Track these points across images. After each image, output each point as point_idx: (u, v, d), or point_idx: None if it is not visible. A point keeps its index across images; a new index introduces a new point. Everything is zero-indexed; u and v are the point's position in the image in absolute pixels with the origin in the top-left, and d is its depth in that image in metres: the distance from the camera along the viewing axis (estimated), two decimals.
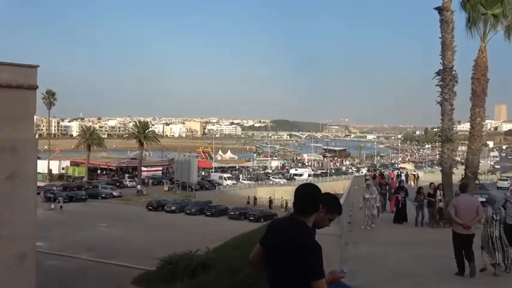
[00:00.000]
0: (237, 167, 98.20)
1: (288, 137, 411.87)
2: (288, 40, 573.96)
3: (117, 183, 65.44)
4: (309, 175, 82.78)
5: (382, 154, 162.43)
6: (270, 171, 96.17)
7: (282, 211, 47.69)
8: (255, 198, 56.59)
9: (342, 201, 11.87)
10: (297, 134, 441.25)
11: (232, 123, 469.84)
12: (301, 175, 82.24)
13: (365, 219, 15.58)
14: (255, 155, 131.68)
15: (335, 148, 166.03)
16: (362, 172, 44.19)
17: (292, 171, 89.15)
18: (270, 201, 54.11)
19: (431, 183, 16.76)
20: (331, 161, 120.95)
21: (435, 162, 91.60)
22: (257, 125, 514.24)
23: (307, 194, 3.79)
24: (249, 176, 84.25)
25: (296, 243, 3.53)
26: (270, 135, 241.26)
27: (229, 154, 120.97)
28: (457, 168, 16.74)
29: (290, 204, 50.01)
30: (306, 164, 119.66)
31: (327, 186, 73.36)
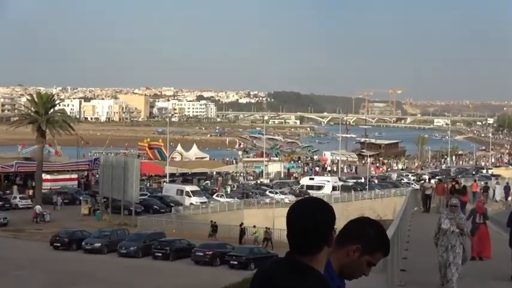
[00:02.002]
0: (210, 174, 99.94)
1: (298, 121, 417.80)
2: None
3: None
4: (334, 188, 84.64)
5: (460, 151, 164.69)
6: (266, 180, 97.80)
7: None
8: (242, 229, 57.84)
9: (390, 233, 11.90)
10: (312, 116, 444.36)
11: (200, 98, 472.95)
12: (320, 187, 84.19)
13: (442, 270, 15.31)
14: (240, 152, 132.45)
15: (379, 141, 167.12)
16: (426, 181, 44.74)
17: (305, 181, 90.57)
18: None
19: None
20: (372, 163, 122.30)
21: None
22: (243, 100, 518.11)
23: (308, 217, 3.73)
24: (231, 189, 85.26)
25: None
26: (266, 118, 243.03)
27: (195, 151, 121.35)
28: None
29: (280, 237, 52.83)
30: (329, 168, 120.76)
31: (365, 207, 75.72)
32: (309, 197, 3.98)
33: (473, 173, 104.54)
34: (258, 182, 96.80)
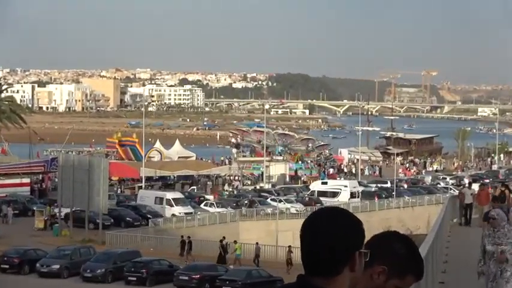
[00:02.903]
0: (196, 178, 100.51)
1: (307, 111, 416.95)
2: None
3: None
4: (353, 194, 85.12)
5: (511, 148, 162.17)
6: (267, 185, 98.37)
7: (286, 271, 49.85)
8: (223, 246, 57.90)
9: (423, 251, 12.08)
10: (324, 104, 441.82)
11: (184, 82, 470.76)
12: (334, 194, 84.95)
13: None
14: (234, 150, 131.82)
15: (409, 136, 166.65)
16: (466, 186, 44.82)
17: (316, 185, 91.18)
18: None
19: None
20: (400, 163, 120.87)
21: None
22: (238, 85, 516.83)
23: (328, 232, 3.75)
24: (223, 196, 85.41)
25: None
26: (267, 106, 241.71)
27: (177, 148, 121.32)
28: None
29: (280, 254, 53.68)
30: (345, 169, 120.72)
31: (392, 218, 75.91)
32: (330, 207, 3.96)
33: None
34: (257, 187, 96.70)
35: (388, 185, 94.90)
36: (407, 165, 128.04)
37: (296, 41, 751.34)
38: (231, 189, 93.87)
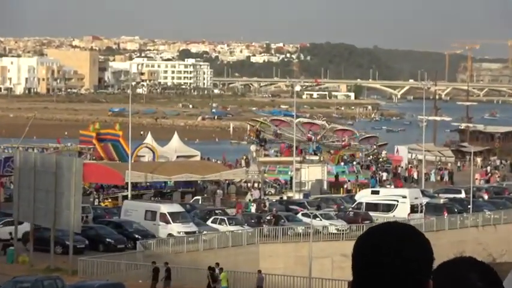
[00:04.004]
0: (201, 185, 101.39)
1: (352, 94, 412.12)
2: None
3: None
4: (414, 208, 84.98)
5: None
6: (297, 195, 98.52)
7: None
8: (212, 275, 58.12)
9: (509, 286, 12.26)
10: (376, 85, 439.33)
11: (186, 55, 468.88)
12: (389, 207, 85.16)
13: None
14: (253, 148, 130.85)
15: (491, 128, 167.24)
16: None
17: (364, 195, 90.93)
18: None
19: None
20: (481, 166, 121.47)
21: None
22: (259, 58, 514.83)
23: (388, 256, 3.77)
24: (248, 211, 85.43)
25: None
26: (297, 88, 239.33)
27: (176, 144, 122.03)
28: None
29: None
30: (401, 172, 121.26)
31: (467, 239, 77.45)
32: (395, 223, 3.98)
33: None
34: (284, 197, 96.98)
35: (462, 195, 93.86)
36: (488, 168, 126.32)
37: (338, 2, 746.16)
38: (253, 200, 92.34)
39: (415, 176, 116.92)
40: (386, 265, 3.72)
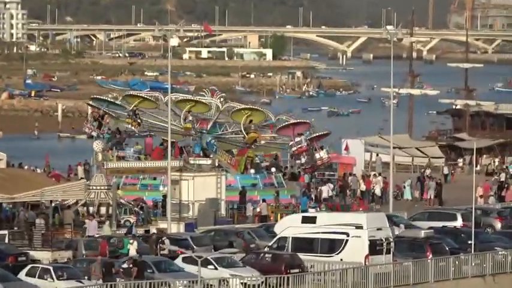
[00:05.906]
0: (7, 211, 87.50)
1: (268, 52, 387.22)
2: None
3: None
4: (376, 244, 70.39)
5: None
6: (174, 226, 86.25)
7: None
8: None
9: None
10: (308, 36, 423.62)
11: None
12: (334, 246, 73.30)
13: None
14: (97, 145, 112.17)
15: (505, 109, 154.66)
16: None
17: (290, 226, 77.53)
18: None
19: None
20: (491, 172, 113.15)
21: None
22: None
23: None
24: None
25: None
26: (176, 41, 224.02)
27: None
28: None
29: None
30: (361, 185, 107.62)
31: None
32: None
33: None
34: (152, 230, 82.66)
35: (459, 222, 76.31)
36: (502, 176, 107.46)
37: None
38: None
39: (377, 192, 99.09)
40: None
